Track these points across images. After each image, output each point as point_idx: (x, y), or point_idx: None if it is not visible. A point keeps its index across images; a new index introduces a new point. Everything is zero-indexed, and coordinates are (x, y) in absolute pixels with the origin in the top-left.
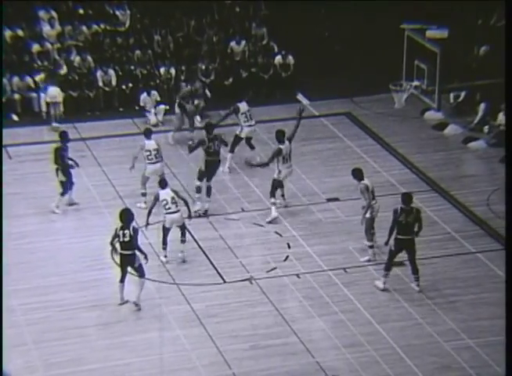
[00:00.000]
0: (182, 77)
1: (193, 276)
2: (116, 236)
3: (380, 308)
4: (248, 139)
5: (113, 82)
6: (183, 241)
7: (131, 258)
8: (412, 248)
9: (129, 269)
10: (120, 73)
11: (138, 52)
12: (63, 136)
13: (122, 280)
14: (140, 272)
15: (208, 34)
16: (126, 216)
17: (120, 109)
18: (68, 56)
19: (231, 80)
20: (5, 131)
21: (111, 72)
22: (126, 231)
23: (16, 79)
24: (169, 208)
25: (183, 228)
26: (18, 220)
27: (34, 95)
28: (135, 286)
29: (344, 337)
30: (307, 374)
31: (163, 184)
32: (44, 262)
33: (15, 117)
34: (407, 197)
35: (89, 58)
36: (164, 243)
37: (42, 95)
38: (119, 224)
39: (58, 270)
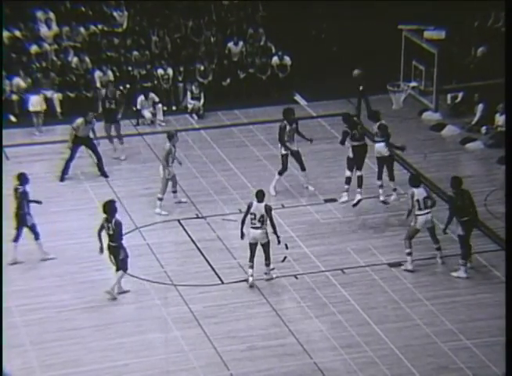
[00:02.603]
0: (180, 78)
1: (191, 277)
2: (102, 227)
3: (377, 309)
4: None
5: (113, 82)
6: (267, 264)
7: (115, 249)
8: (472, 229)
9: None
10: (118, 74)
11: (135, 52)
12: (22, 178)
13: (118, 269)
14: (122, 266)
15: (206, 35)
16: (109, 208)
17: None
18: (65, 57)
19: (228, 80)
20: (2, 132)
21: (109, 73)
22: (110, 224)
23: (16, 80)
24: (254, 223)
25: (266, 249)
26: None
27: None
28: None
29: (341, 338)
30: (304, 375)
31: (260, 197)
32: (41, 263)
33: (12, 118)
34: (456, 181)
35: (87, 59)
36: (251, 260)
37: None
38: (104, 216)
39: (55, 271)
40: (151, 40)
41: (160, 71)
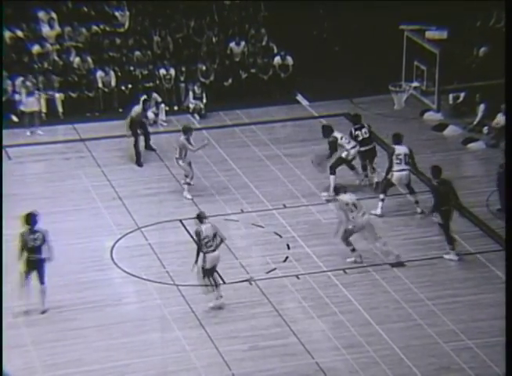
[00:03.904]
0: (182, 78)
1: (193, 277)
2: (24, 241)
3: (379, 309)
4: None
5: (113, 83)
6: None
7: (40, 262)
8: (451, 218)
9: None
10: (120, 74)
11: (137, 52)
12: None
13: (28, 284)
14: (43, 279)
15: (208, 35)
16: (32, 220)
17: (120, 110)
18: (67, 57)
19: (230, 81)
20: (4, 132)
21: (111, 73)
22: (37, 234)
23: (19, 80)
24: (211, 246)
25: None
26: (17, 221)
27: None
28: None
29: (343, 338)
30: (306, 375)
31: (202, 218)
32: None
33: (14, 118)
34: (435, 170)
35: (89, 59)
36: (216, 284)
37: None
38: (25, 228)
39: (57, 271)
40: (153, 40)
41: (162, 71)
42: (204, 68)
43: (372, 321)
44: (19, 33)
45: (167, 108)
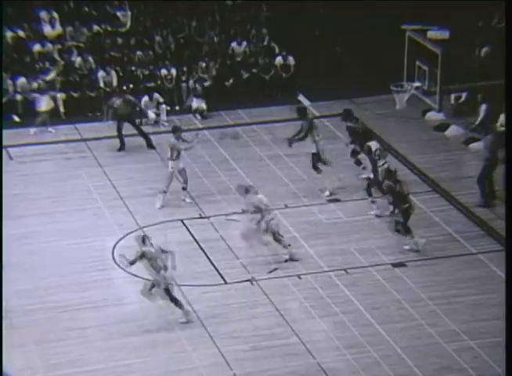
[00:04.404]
0: (183, 78)
1: (194, 277)
2: None
3: (381, 309)
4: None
5: (114, 83)
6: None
7: None
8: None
9: None
10: (121, 74)
11: (139, 52)
12: None
13: None
14: None
15: (209, 35)
16: None
17: None
18: (69, 56)
19: (232, 80)
20: (6, 132)
21: (112, 73)
22: None
23: (21, 80)
24: (159, 266)
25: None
26: (19, 221)
27: (36, 95)
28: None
29: (344, 338)
30: (308, 375)
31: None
32: (45, 262)
33: (16, 118)
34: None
35: (90, 59)
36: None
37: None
38: None
39: (59, 271)
40: (154, 40)
41: (164, 71)
42: (206, 68)
43: (373, 321)
44: (21, 33)
45: (168, 108)
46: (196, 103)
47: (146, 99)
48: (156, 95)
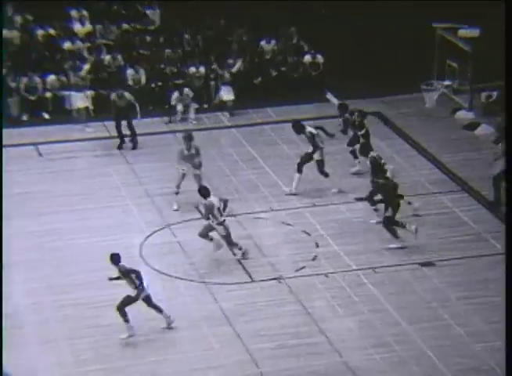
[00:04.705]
0: (212, 76)
1: (221, 275)
2: None
3: (408, 308)
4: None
5: (143, 81)
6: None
7: None
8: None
9: None
10: (150, 71)
11: (168, 50)
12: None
13: None
14: None
15: (238, 33)
16: None
17: (150, 107)
18: (98, 54)
19: (260, 79)
20: (36, 129)
21: (141, 71)
22: None
23: (50, 77)
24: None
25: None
26: (48, 218)
27: (66, 93)
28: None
29: (371, 337)
30: (334, 374)
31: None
32: (73, 259)
33: (46, 116)
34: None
35: (119, 56)
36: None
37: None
38: None
39: (87, 268)
40: (183, 38)
41: (192, 69)
42: (234, 66)
43: (401, 321)
44: (52, 31)
45: (196, 106)
46: (225, 94)
47: (176, 94)
48: (186, 90)
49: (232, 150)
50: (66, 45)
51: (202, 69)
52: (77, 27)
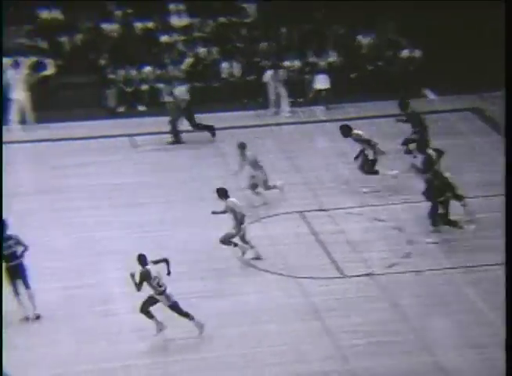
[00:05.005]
0: (307, 70)
1: (312, 270)
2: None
3: (503, 309)
4: None
5: (238, 74)
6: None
7: (20, 267)
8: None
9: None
10: (245, 65)
11: (263, 44)
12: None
13: (18, 293)
14: (27, 284)
15: (335, 27)
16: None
17: (245, 100)
18: (194, 47)
19: (356, 73)
20: (132, 121)
21: (236, 64)
22: (9, 241)
23: (147, 69)
24: (161, 285)
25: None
26: (141, 209)
27: (161, 85)
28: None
29: (464, 337)
30: (424, 373)
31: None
32: (166, 250)
33: (142, 108)
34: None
35: (215, 50)
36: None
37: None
38: None
39: (178, 260)
40: (279, 31)
41: (287, 63)
42: (330, 60)
43: (495, 321)
44: (150, 24)
45: (292, 100)
46: (320, 83)
47: (270, 72)
48: (281, 71)
49: (326, 144)
50: (163, 38)
51: (297, 63)
52: (175, 21)
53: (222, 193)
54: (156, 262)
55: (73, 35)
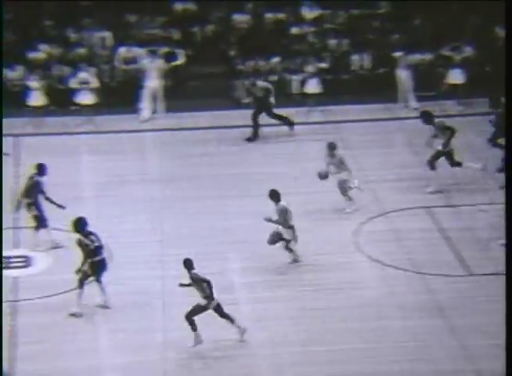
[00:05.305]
0: (439, 63)
1: (437, 266)
2: (83, 246)
3: None
4: None
5: (368, 66)
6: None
7: (103, 262)
8: None
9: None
10: (376, 57)
11: (395, 36)
12: (40, 169)
13: (82, 286)
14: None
15: (471, 20)
16: (82, 224)
17: (374, 93)
18: (324, 39)
19: (492, 66)
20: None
21: (367, 56)
22: (92, 236)
23: (275, 60)
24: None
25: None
26: (260, 200)
27: (287, 77)
28: None
29: None
30: None
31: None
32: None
33: (272, 100)
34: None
35: (345, 41)
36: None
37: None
38: (78, 235)
39: (307, 250)
40: (412, 23)
41: (419, 56)
42: (464, 55)
43: None
44: (281, 15)
45: (422, 93)
46: (454, 76)
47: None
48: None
49: (462, 140)
50: (294, 30)
51: (428, 56)
52: (306, 12)
53: (275, 196)
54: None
55: (204, 26)
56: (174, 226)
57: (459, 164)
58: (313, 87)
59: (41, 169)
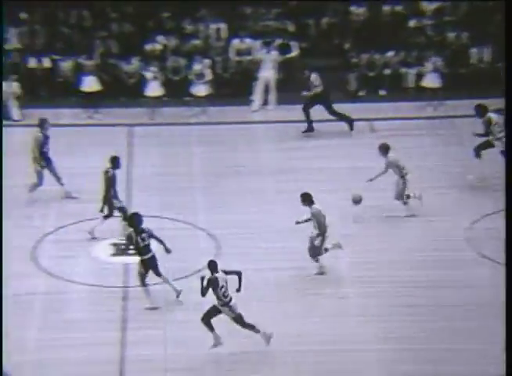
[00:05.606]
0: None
1: None
2: (135, 243)
3: None
4: None
5: (488, 60)
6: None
7: (153, 260)
8: None
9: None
10: (495, 51)
11: None
12: (114, 162)
13: (145, 284)
14: (158, 272)
15: None
16: (137, 220)
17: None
18: (442, 32)
19: None
20: (372, 105)
21: (487, 50)
22: (143, 234)
23: (390, 53)
24: (226, 296)
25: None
26: (380, 193)
27: (403, 70)
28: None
29: None
30: None
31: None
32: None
33: (382, 92)
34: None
35: (464, 35)
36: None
37: None
38: (131, 231)
39: (408, 246)
40: None
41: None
42: None
43: None
44: (398, 7)
45: None
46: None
47: None
48: None
49: None
50: (412, 22)
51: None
52: (425, 4)
53: (307, 199)
54: (227, 273)
55: (319, 18)
56: (285, 219)
57: None
58: (432, 81)
59: (115, 162)
